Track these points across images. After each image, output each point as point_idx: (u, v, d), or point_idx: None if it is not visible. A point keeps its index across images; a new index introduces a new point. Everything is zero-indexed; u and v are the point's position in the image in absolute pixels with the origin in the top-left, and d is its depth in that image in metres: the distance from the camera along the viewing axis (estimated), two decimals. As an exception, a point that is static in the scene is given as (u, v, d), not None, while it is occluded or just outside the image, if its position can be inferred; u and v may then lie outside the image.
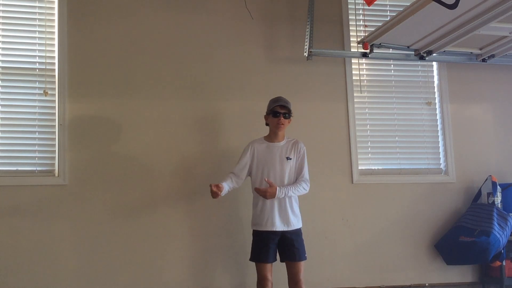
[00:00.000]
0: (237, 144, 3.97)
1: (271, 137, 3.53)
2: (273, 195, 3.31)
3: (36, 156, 3.85)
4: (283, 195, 3.35)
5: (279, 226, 3.37)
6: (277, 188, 3.32)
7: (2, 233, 3.66)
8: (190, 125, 4.02)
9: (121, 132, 3.92)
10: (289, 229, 3.39)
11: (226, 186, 3.38)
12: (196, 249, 3.91)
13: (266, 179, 3.36)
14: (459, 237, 4.08)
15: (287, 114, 3.46)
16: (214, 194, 3.29)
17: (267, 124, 3.55)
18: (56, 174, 3.80)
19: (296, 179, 3.46)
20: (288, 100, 3.49)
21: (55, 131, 3.84)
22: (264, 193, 3.31)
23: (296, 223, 3.42)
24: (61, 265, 3.71)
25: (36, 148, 3.87)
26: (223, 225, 3.96)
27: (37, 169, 3.83)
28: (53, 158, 3.83)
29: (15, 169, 3.80)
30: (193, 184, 3.95)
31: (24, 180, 3.75)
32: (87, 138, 3.87)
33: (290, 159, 3.45)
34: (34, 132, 3.87)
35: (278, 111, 3.44)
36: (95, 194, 3.82)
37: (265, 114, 3.55)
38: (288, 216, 3.39)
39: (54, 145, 3.84)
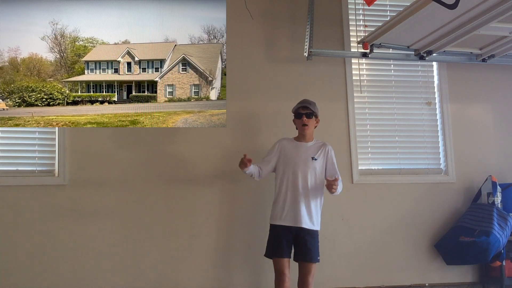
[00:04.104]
0: (236, 143, 3.97)
1: (299, 137, 3.61)
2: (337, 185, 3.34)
3: (36, 156, 3.85)
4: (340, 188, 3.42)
5: (293, 222, 3.39)
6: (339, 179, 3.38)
7: (2, 233, 3.66)
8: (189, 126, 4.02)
9: (121, 132, 3.92)
10: (303, 226, 3.39)
11: (254, 168, 3.43)
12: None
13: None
14: (459, 237, 4.08)
15: (310, 113, 3.51)
16: (243, 165, 3.34)
17: (297, 128, 3.63)
18: (56, 174, 3.80)
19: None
20: (313, 101, 3.56)
21: (55, 131, 3.84)
22: (334, 183, 3.32)
23: (311, 223, 3.42)
24: (61, 265, 3.71)
25: (36, 148, 3.87)
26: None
27: (37, 169, 3.83)
28: (53, 158, 3.83)
29: (15, 169, 3.80)
30: (194, 184, 3.95)
31: (24, 180, 3.75)
32: (87, 138, 3.86)
33: (316, 159, 3.50)
34: (34, 132, 3.87)
35: (300, 112, 3.52)
36: (95, 194, 3.82)
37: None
38: (303, 214, 3.39)
39: (54, 145, 3.84)
